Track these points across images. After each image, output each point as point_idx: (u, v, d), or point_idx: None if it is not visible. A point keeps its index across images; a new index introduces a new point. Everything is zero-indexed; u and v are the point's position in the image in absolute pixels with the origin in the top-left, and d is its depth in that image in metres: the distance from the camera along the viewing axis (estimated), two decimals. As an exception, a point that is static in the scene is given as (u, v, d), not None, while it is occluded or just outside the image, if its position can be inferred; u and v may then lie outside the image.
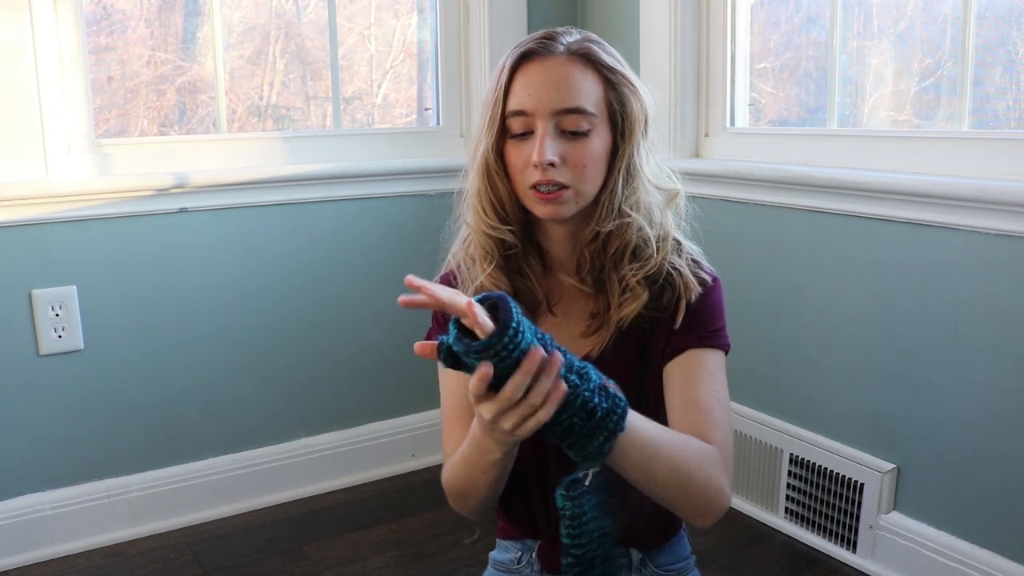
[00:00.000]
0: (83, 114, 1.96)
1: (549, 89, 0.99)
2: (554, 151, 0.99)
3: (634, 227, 1.03)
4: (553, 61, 1.01)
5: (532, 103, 1.00)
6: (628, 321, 1.03)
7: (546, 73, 1.00)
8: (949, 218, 1.63)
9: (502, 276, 1.05)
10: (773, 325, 2.02)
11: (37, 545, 1.96)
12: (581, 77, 1.01)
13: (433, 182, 2.31)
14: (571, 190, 1.00)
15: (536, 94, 1.00)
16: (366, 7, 2.39)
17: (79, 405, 1.99)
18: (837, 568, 1.89)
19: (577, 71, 1.01)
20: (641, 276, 1.02)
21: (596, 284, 1.06)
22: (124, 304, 2.01)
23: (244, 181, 2.09)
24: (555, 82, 1.00)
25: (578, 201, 1.02)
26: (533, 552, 1.16)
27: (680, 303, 1.04)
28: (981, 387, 1.64)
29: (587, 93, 1.00)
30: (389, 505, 2.22)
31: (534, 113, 1.00)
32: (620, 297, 1.03)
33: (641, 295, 1.03)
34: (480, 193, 1.04)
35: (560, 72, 1.00)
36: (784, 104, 2.16)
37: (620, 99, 1.03)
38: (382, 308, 2.30)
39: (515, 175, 1.03)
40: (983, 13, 1.66)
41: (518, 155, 1.01)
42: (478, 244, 1.06)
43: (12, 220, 1.86)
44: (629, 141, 1.03)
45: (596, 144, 1.01)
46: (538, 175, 0.99)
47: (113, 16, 2.07)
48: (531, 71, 1.01)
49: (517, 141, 1.02)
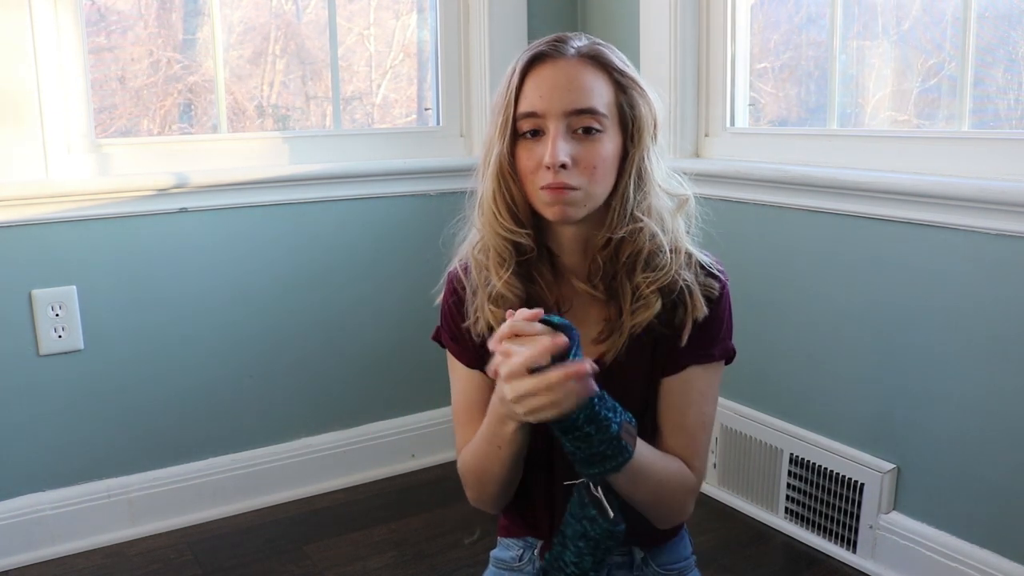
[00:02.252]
0: (83, 114, 1.96)
1: (560, 90, 0.99)
2: (566, 152, 0.98)
3: (647, 233, 1.03)
4: (564, 63, 1.01)
5: (543, 104, 0.99)
6: (640, 329, 1.04)
7: (557, 74, 1.00)
8: (949, 218, 1.63)
9: (517, 282, 1.05)
10: (773, 325, 2.02)
11: (37, 545, 1.96)
12: (592, 79, 1.00)
13: (433, 182, 2.31)
14: (581, 191, 1.00)
15: (547, 95, 0.99)
16: (365, 7, 2.39)
17: (79, 405, 1.99)
18: (837, 568, 1.89)
19: (588, 73, 1.01)
20: (656, 287, 1.02)
21: (608, 291, 1.06)
22: (124, 304, 2.01)
23: (244, 181, 2.09)
24: (566, 83, 0.99)
25: (587, 204, 1.01)
26: (535, 550, 1.16)
27: (687, 322, 1.04)
28: (981, 387, 1.64)
29: (598, 94, 1.00)
30: (389, 505, 2.22)
31: (545, 114, 0.99)
32: (633, 305, 1.03)
33: (654, 304, 1.03)
34: (495, 197, 1.04)
35: (571, 73, 1.00)
36: (784, 104, 2.16)
37: (630, 102, 1.03)
38: (382, 308, 2.30)
39: (526, 177, 1.02)
40: (983, 13, 1.66)
41: (530, 157, 1.01)
42: (493, 249, 1.05)
43: (12, 220, 1.86)
44: (639, 145, 1.03)
45: (607, 146, 1.01)
46: (550, 177, 0.99)
47: (111, 17, 2.07)
48: (542, 73, 1.01)
49: (528, 144, 1.01)
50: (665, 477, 1.03)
